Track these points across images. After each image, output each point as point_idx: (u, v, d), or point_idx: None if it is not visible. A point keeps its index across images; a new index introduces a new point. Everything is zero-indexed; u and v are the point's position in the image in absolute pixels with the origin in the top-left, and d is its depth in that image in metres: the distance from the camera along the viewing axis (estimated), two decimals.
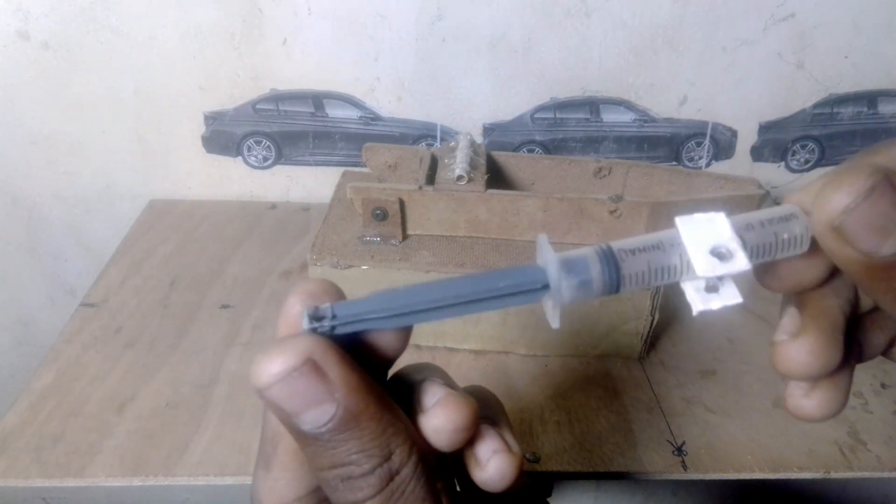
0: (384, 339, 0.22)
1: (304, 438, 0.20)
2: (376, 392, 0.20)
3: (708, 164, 0.77)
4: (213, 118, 0.72)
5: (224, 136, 0.73)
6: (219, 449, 0.45)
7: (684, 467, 0.46)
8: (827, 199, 0.19)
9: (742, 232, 0.20)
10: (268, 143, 0.74)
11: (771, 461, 0.46)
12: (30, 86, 0.69)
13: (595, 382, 0.52)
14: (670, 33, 0.70)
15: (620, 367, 0.54)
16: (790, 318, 0.22)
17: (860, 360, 0.24)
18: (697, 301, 0.20)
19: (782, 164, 0.78)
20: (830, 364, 0.21)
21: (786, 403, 0.23)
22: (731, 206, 0.53)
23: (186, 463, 0.44)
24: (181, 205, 0.74)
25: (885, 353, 0.25)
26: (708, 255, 0.19)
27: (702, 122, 0.75)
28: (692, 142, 0.76)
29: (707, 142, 0.76)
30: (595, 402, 0.51)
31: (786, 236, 0.20)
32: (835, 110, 0.75)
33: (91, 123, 0.71)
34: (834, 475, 0.46)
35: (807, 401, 0.22)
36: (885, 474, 0.46)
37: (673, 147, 0.76)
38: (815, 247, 0.20)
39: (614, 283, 0.20)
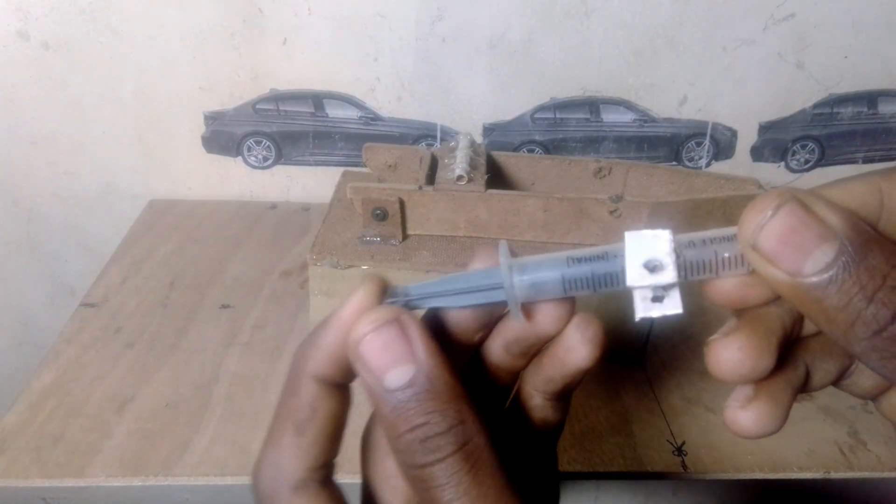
0: (461, 324, 0.24)
1: (385, 401, 0.22)
2: (449, 365, 0.22)
3: (708, 164, 0.77)
4: (213, 118, 0.72)
5: (224, 136, 0.73)
6: (219, 449, 0.45)
7: (684, 467, 0.46)
8: (743, 219, 0.20)
9: (682, 249, 0.21)
10: (268, 143, 0.74)
11: (771, 461, 0.46)
12: (30, 86, 0.69)
13: (595, 382, 0.52)
14: (670, 33, 0.70)
15: (620, 368, 0.54)
16: (729, 323, 0.23)
17: (806, 388, 0.24)
18: (640, 308, 0.22)
19: (782, 164, 0.78)
20: (759, 366, 0.21)
21: (724, 415, 0.23)
22: (732, 206, 0.53)
23: (186, 463, 0.44)
24: (181, 205, 0.74)
25: (837, 383, 0.25)
26: (640, 267, 0.21)
27: (702, 122, 0.75)
28: (692, 142, 0.76)
29: (707, 142, 0.76)
30: (595, 402, 0.51)
31: (727, 255, 0.21)
32: (835, 110, 0.75)
33: (91, 123, 0.71)
34: (834, 475, 0.46)
35: (743, 413, 0.22)
36: (885, 474, 0.46)
37: (673, 147, 0.76)
38: None
39: (560, 286, 0.22)
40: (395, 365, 0.21)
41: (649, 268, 0.21)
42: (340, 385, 0.24)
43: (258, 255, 0.66)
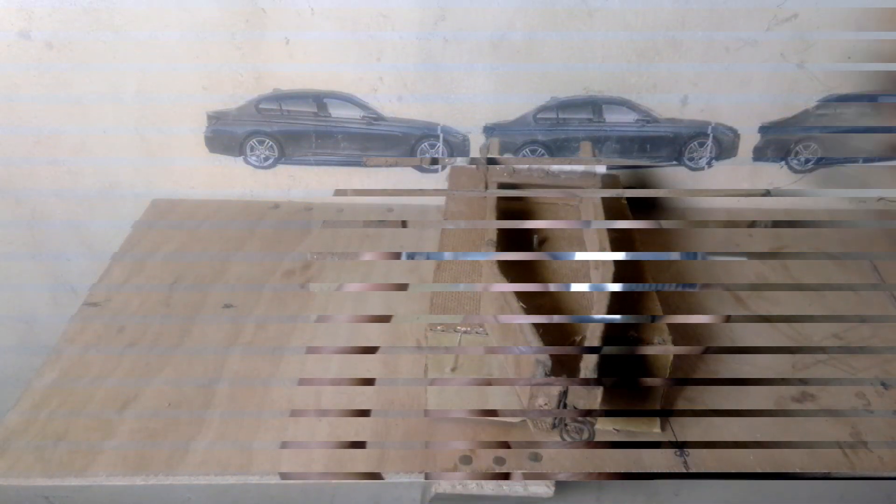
0: None
1: None
2: None
3: (709, 165, 0.77)
4: (215, 118, 0.72)
5: (226, 135, 0.73)
6: (221, 448, 0.45)
7: (686, 467, 0.46)
8: None
9: None
10: (270, 142, 0.74)
11: (772, 461, 0.46)
12: (32, 85, 0.69)
13: None
14: (672, 33, 0.69)
15: None
16: None
17: None
18: None
19: (784, 164, 0.78)
20: None
21: None
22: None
23: (188, 462, 0.44)
24: (183, 204, 0.74)
25: None
26: None
27: (704, 123, 0.75)
28: (694, 142, 0.76)
29: (709, 142, 0.76)
30: None
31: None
32: (837, 110, 0.75)
33: (93, 123, 0.71)
34: (835, 475, 0.46)
35: None
36: (887, 475, 0.46)
37: (675, 147, 0.76)
38: None
39: None
40: None
41: None
42: None
43: (260, 255, 0.66)
